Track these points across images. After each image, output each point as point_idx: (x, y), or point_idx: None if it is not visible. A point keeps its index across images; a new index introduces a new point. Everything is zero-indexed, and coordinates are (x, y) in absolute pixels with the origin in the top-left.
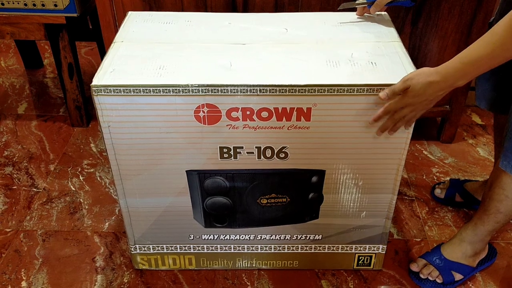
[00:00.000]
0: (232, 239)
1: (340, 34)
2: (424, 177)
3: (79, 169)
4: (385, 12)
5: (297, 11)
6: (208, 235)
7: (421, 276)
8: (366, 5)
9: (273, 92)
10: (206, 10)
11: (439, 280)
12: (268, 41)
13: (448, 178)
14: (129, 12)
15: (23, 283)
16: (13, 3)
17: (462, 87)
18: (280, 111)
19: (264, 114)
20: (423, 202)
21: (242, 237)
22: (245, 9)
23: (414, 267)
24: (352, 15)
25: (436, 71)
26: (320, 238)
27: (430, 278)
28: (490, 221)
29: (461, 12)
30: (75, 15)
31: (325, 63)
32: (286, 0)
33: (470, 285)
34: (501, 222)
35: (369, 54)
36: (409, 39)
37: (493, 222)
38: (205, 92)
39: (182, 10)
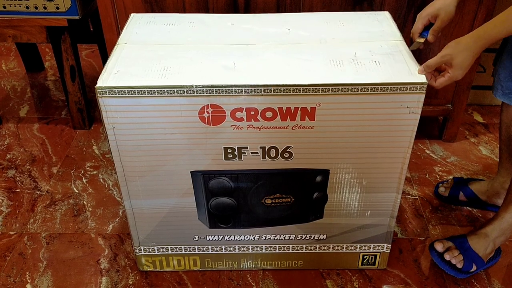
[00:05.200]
0: (236, 239)
1: (343, 33)
2: (427, 176)
3: (82, 172)
4: (387, 12)
5: (299, 12)
6: (213, 236)
7: (446, 257)
8: (423, 39)
9: (277, 92)
10: (207, 12)
11: (459, 265)
12: (272, 42)
13: (451, 177)
14: (132, 14)
15: (28, 286)
16: (15, 6)
17: (464, 86)
18: (284, 111)
19: (269, 114)
20: (426, 201)
21: (247, 237)
22: (247, 10)
23: (439, 247)
24: (354, 15)
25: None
26: (324, 238)
27: (453, 261)
28: None
29: (463, 10)
30: (76, 17)
31: (328, 62)
32: (288, 0)
33: (475, 283)
34: None
35: (372, 53)
36: (410, 38)
37: None
38: (210, 93)
39: (184, 12)
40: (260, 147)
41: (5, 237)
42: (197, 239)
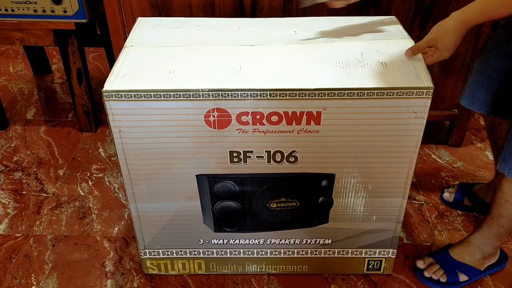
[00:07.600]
0: (241, 243)
1: (349, 34)
2: (433, 181)
3: (88, 174)
4: (394, 16)
5: (305, 16)
6: (218, 240)
7: (426, 274)
8: None
9: (283, 96)
10: (214, 16)
11: (442, 279)
12: (277, 43)
13: (457, 182)
14: (139, 18)
15: None
16: (23, 9)
17: None
18: (290, 115)
19: (274, 118)
20: (432, 207)
21: (252, 241)
22: (253, 14)
23: (420, 264)
24: (361, 19)
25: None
26: (330, 243)
27: (434, 277)
28: (494, 225)
29: None
30: (84, 21)
31: (334, 64)
32: (294, 5)
33: None
34: (505, 226)
35: (379, 53)
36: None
37: (497, 225)
38: (215, 97)
39: (191, 16)
40: (266, 151)
41: (11, 239)
42: (202, 242)
